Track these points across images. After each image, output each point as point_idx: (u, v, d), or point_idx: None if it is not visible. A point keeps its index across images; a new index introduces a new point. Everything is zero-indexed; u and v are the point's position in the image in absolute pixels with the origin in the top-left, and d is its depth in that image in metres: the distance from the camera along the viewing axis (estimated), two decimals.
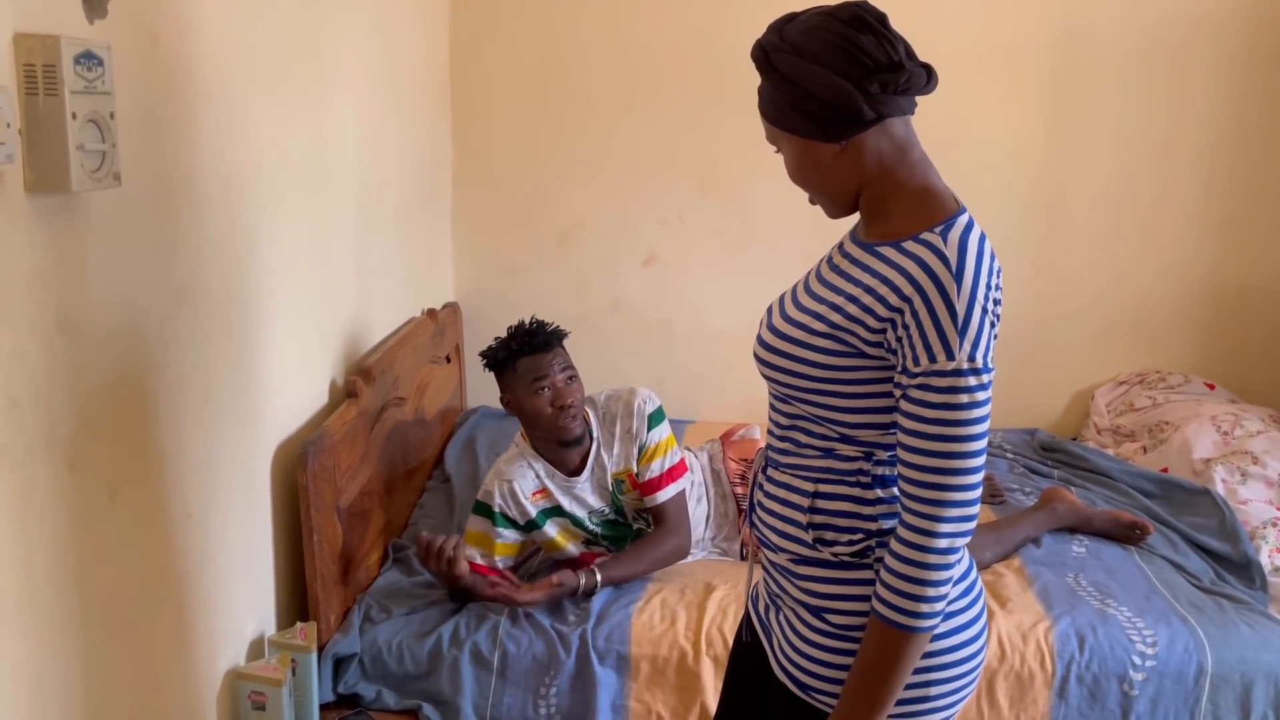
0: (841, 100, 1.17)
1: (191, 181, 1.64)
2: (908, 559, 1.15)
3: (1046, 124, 3.27)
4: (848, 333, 1.20)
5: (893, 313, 1.16)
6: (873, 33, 1.17)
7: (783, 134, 1.24)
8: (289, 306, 2.06)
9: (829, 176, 1.24)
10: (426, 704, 2.04)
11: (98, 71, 1.28)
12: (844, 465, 1.26)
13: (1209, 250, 3.34)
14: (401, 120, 2.88)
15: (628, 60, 3.32)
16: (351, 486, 2.21)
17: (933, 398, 1.13)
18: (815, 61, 1.17)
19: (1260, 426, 2.88)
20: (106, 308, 1.42)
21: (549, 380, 2.18)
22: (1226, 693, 2.05)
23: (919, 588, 1.15)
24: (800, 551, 1.29)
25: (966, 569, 1.28)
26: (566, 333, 2.29)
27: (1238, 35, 3.18)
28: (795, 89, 1.19)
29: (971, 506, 1.15)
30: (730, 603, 2.17)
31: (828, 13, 1.19)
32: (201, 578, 1.72)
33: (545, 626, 2.10)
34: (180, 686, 1.69)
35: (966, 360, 1.12)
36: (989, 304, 1.15)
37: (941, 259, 1.14)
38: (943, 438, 1.14)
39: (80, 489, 1.38)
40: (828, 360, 1.21)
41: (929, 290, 1.13)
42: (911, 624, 1.16)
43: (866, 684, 1.20)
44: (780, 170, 1.32)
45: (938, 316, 1.13)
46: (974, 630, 1.28)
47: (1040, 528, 2.51)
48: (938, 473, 1.14)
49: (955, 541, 1.15)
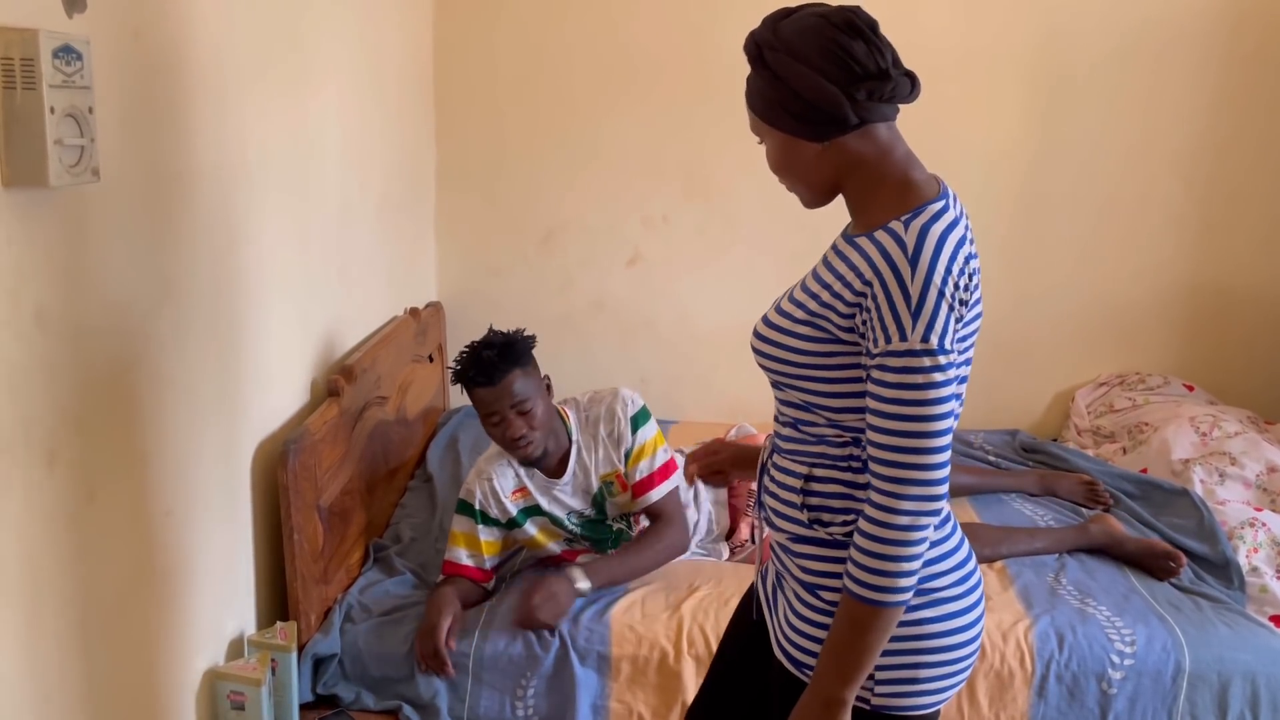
0: (828, 104, 1.20)
1: (172, 178, 1.63)
2: (872, 535, 1.19)
3: (1026, 127, 3.29)
4: (822, 319, 1.24)
5: (858, 297, 1.20)
6: (864, 39, 1.20)
7: (767, 128, 1.28)
8: (271, 304, 2.05)
9: (810, 172, 1.28)
10: (406, 705, 2.04)
11: (76, 66, 1.27)
12: (835, 451, 1.29)
13: (1188, 252, 3.37)
14: (385, 119, 2.87)
15: (613, 60, 3.32)
16: (332, 486, 2.20)
17: (890, 377, 1.17)
18: (806, 64, 1.20)
19: (1238, 428, 2.90)
20: (85, 304, 1.41)
21: (499, 414, 2.16)
22: (1204, 691, 2.07)
23: (883, 563, 1.18)
24: (798, 530, 1.33)
25: (964, 558, 1.32)
26: (526, 350, 2.20)
27: (1217, 38, 3.21)
28: (784, 88, 1.22)
29: (935, 486, 1.18)
30: (712, 603, 2.17)
31: (822, 15, 1.22)
32: (181, 576, 1.71)
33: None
34: (159, 686, 1.68)
35: (919, 341, 1.15)
36: (948, 289, 1.17)
37: (900, 244, 1.18)
38: (901, 417, 1.17)
39: (59, 486, 1.37)
40: (807, 346, 1.26)
41: (886, 275, 1.18)
42: (878, 599, 1.19)
43: (836, 656, 1.23)
44: (765, 172, 1.33)
45: (893, 299, 1.17)
46: (967, 619, 1.31)
47: (1063, 546, 2.44)
48: (898, 451, 1.18)
49: (918, 519, 1.18)
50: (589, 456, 2.27)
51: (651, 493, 2.25)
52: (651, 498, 2.25)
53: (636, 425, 2.28)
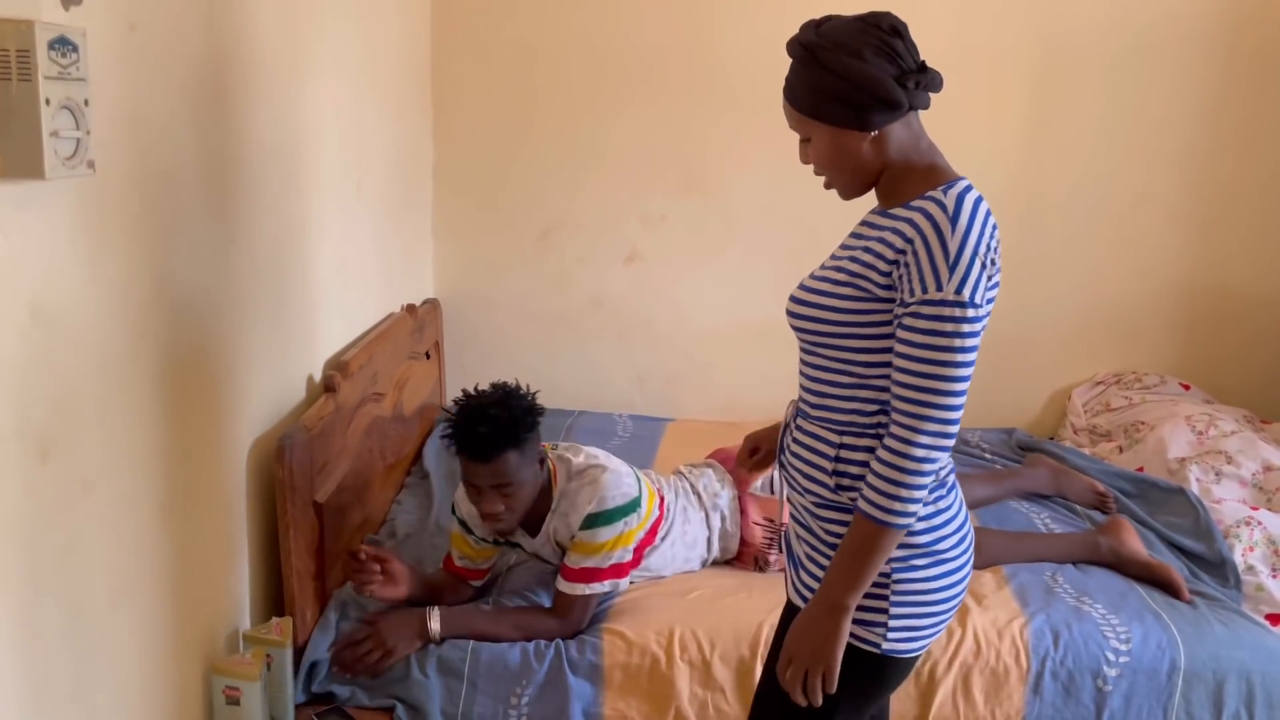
0: (884, 93, 1.35)
1: (167, 172, 1.63)
2: (889, 463, 1.33)
3: (1024, 125, 3.29)
4: (863, 279, 1.37)
5: (898, 254, 1.34)
6: (904, 40, 1.38)
7: (816, 123, 1.41)
8: (267, 299, 2.04)
9: (857, 162, 1.41)
10: (400, 705, 2.03)
11: (72, 58, 1.27)
12: (865, 420, 1.42)
13: (1186, 252, 3.37)
14: (382, 115, 2.87)
15: (611, 58, 3.31)
16: (328, 482, 2.20)
17: (921, 324, 1.30)
18: (860, 59, 1.35)
19: (1234, 427, 2.90)
20: (81, 297, 1.41)
21: (478, 487, 2.06)
22: (1199, 689, 2.07)
23: (897, 488, 1.32)
24: (824, 495, 1.46)
25: (963, 521, 1.46)
26: (530, 427, 2.05)
27: (1216, 37, 3.21)
28: (842, 82, 1.36)
29: (950, 425, 1.32)
30: (704, 609, 2.17)
31: (861, 19, 1.38)
32: (176, 571, 1.71)
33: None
34: (153, 681, 1.67)
35: (954, 293, 1.29)
36: (982, 248, 1.31)
37: (941, 206, 1.32)
38: (928, 360, 1.30)
39: (53, 479, 1.37)
40: (847, 305, 1.39)
41: (927, 231, 1.31)
42: (888, 520, 1.34)
43: (845, 569, 1.38)
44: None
45: (932, 253, 1.30)
46: (962, 574, 1.46)
47: (1071, 559, 2.40)
48: (921, 390, 1.31)
49: (932, 453, 1.32)
50: (562, 525, 2.17)
51: (570, 585, 2.11)
52: (560, 587, 2.12)
53: (594, 524, 2.11)
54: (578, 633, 2.13)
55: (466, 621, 2.11)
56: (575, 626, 2.13)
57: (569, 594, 2.12)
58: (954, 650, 2.08)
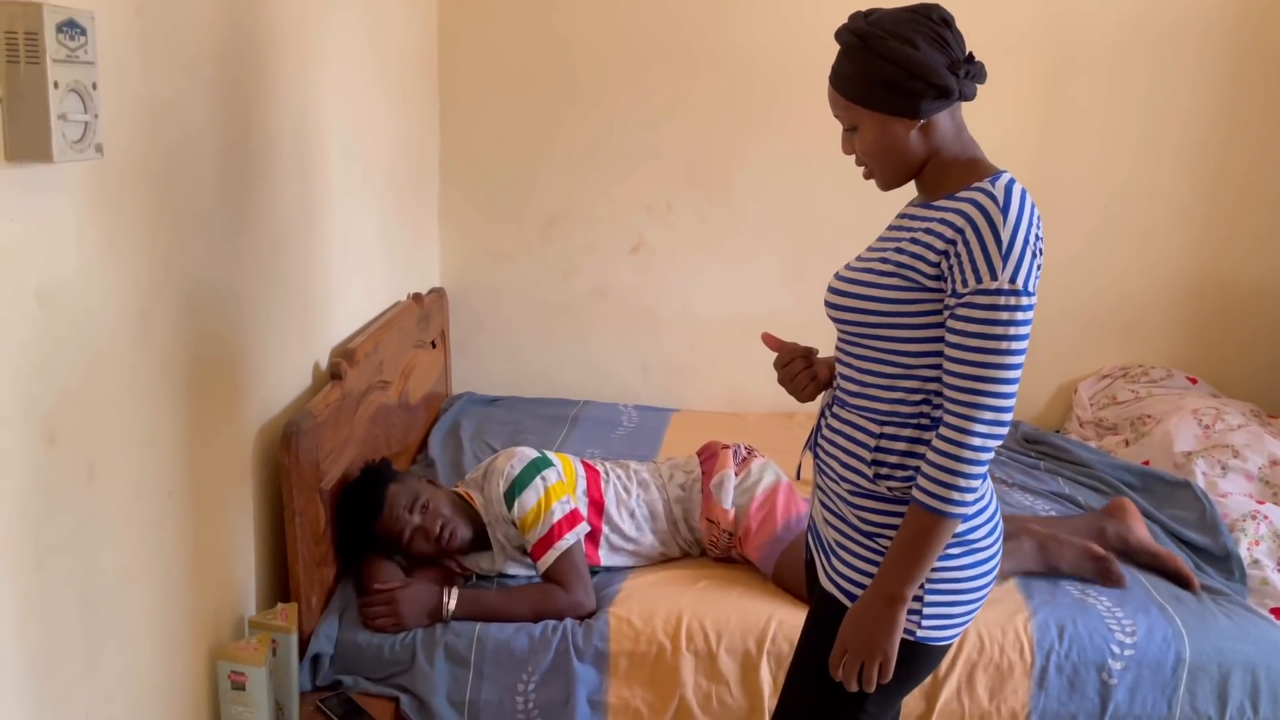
0: (938, 80, 1.36)
1: (176, 156, 1.63)
2: (945, 453, 1.34)
3: (1033, 119, 3.28)
4: (910, 269, 1.38)
5: (948, 244, 1.34)
6: (953, 30, 1.40)
7: (865, 111, 1.41)
8: (274, 286, 2.04)
9: (903, 150, 1.42)
10: (404, 694, 2.03)
11: (80, 41, 1.26)
12: (908, 409, 1.42)
13: (1194, 246, 3.36)
14: (389, 104, 2.86)
15: (618, 48, 3.30)
16: (334, 469, 2.20)
17: (976, 314, 1.32)
18: (914, 47, 1.36)
19: (1241, 420, 2.90)
20: (88, 281, 1.41)
21: (408, 523, 2.21)
22: (1204, 682, 2.07)
23: (953, 478, 1.34)
24: (861, 484, 1.46)
25: (994, 512, 1.48)
26: (387, 470, 2.28)
27: (1225, 31, 3.19)
28: (896, 69, 1.36)
29: (1005, 413, 1.33)
30: (712, 598, 2.17)
31: (918, 10, 1.40)
32: (182, 557, 1.71)
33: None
34: (159, 665, 1.67)
35: (1008, 282, 1.30)
36: (1032, 237, 1.32)
37: (991, 197, 1.33)
38: (982, 350, 1.32)
39: (59, 463, 1.36)
40: (893, 295, 1.39)
41: (979, 221, 1.32)
42: (945, 509, 1.35)
43: (902, 559, 1.39)
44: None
45: (985, 243, 1.31)
46: (993, 564, 1.48)
47: (1078, 543, 2.33)
48: (977, 380, 1.32)
49: (988, 442, 1.33)
50: (499, 525, 2.28)
51: (542, 559, 2.19)
52: (543, 564, 2.19)
53: (512, 497, 2.24)
54: (591, 612, 2.16)
55: (482, 601, 2.15)
56: (581, 593, 2.17)
57: (548, 565, 2.19)
58: (958, 645, 2.07)
